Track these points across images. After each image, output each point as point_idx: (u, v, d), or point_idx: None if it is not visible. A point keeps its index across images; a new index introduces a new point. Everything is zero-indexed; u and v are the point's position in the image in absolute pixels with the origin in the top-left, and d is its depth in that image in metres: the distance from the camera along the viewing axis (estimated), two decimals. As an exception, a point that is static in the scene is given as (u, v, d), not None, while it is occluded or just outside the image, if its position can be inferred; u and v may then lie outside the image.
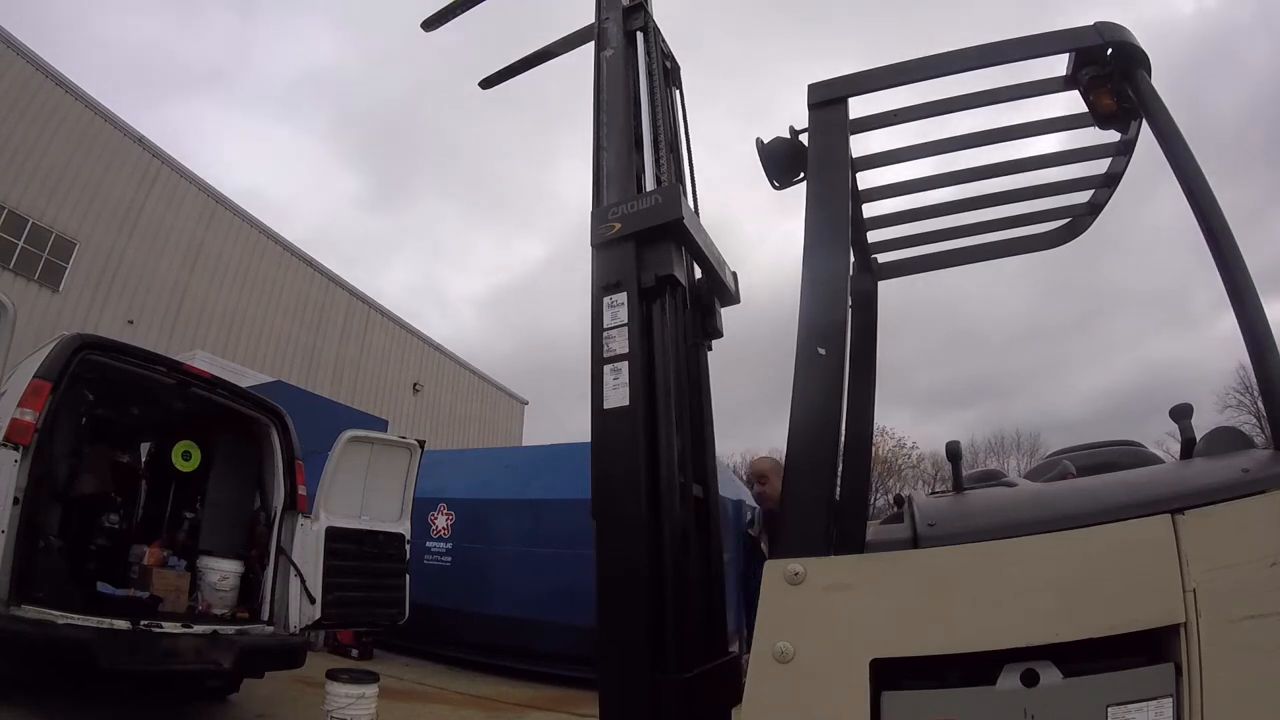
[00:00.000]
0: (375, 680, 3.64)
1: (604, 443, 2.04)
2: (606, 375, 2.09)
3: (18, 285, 14.54)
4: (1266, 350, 1.39)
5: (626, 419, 1.99)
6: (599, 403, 2.08)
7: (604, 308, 2.15)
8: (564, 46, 3.26)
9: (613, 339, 2.10)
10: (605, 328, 2.13)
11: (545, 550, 5.96)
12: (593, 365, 2.13)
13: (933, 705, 1.31)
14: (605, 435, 2.04)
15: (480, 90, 3.60)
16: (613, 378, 2.08)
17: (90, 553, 4.02)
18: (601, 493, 2.01)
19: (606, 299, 2.15)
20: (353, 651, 6.36)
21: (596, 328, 2.15)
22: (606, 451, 2.02)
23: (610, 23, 2.69)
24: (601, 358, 2.11)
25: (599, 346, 2.13)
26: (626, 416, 1.99)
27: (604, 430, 2.05)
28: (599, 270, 2.21)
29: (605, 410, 2.06)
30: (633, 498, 1.92)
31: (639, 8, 2.72)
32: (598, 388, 2.10)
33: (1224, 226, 1.48)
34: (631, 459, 1.96)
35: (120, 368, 3.73)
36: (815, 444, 1.49)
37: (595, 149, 2.48)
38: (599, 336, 2.14)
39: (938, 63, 1.69)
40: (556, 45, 3.28)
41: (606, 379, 2.09)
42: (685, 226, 2.17)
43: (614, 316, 2.12)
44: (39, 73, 15.75)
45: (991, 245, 2.41)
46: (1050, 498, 1.69)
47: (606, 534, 1.96)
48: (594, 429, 2.09)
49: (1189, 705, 1.20)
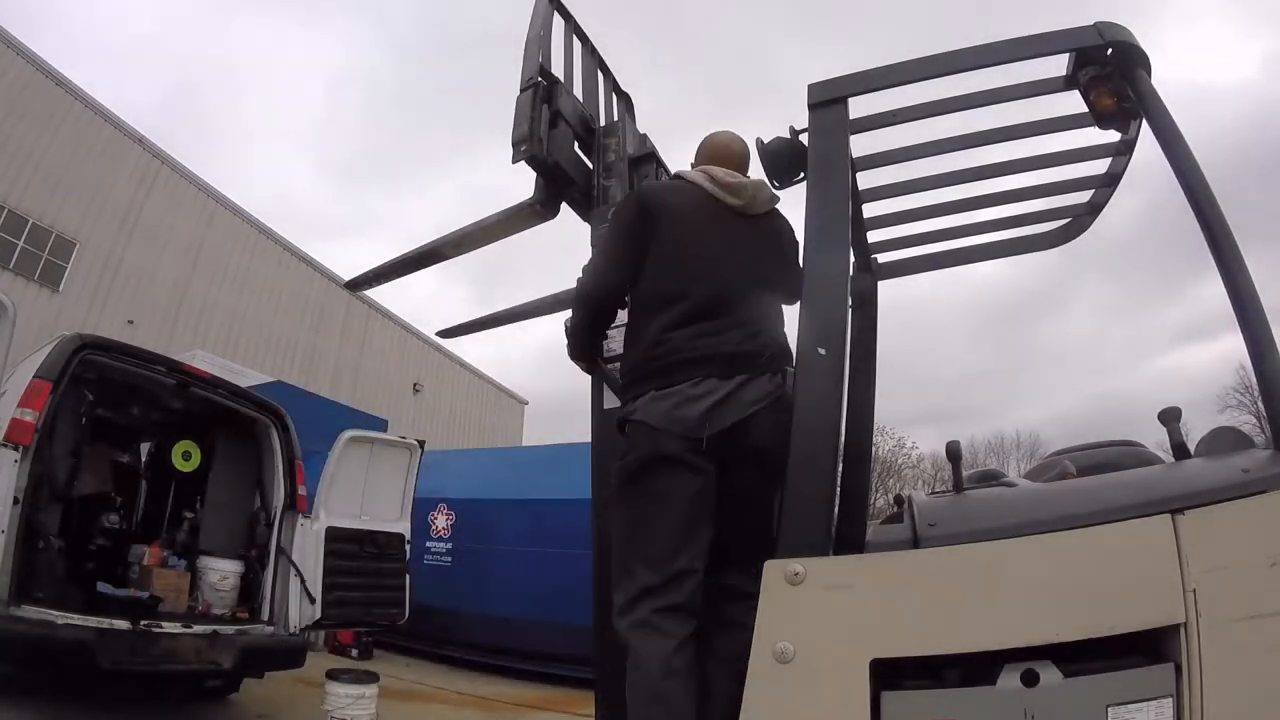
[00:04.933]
0: (375, 680, 3.65)
1: (604, 443, 2.04)
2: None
3: (18, 285, 14.52)
4: (1266, 350, 1.39)
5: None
6: (599, 403, 2.09)
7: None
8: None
9: (613, 339, 2.11)
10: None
11: (545, 550, 5.96)
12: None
13: (933, 705, 1.31)
14: (605, 435, 2.04)
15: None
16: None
17: (90, 553, 4.02)
18: (601, 493, 2.02)
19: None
20: (353, 651, 6.36)
21: (597, 328, 2.14)
22: (606, 451, 2.02)
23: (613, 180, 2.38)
24: (602, 358, 2.11)
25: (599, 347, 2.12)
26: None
27: (604, 430, 2.05)
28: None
29: (605, 410, 2.06)
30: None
31: (650, 157, 2.46)
32: (598, 388, 2.10)
33: (1224, 226, 1.48)
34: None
35: (120, 368, 3.73)
36: (815, 444, 1.49)
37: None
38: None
39: (938, 63, 1.69)
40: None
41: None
42: None
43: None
44: (39, 73, 15.75)
45: (991, 245, 2.41)
46: (1050, 498, 1.69)
47: (605, 534, 1.96)
48: (594, 429, 2.10)
49: (1189, 705, 1.20)
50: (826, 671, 1.35)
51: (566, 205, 2.36)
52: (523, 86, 2.19)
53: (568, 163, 2.27)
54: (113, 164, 17.04)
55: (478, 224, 2.46)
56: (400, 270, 2.69)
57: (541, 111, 2.17)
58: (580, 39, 2.60)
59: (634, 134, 2.55)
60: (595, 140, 2.43)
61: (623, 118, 2.64)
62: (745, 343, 1.71)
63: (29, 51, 15.57)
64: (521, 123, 2.13)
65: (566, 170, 2.25)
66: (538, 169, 2.22)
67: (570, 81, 2.43)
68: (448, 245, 2.53)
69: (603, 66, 2.70)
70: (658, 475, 1.63)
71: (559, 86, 2.30)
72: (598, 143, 2.42)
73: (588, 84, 2.58)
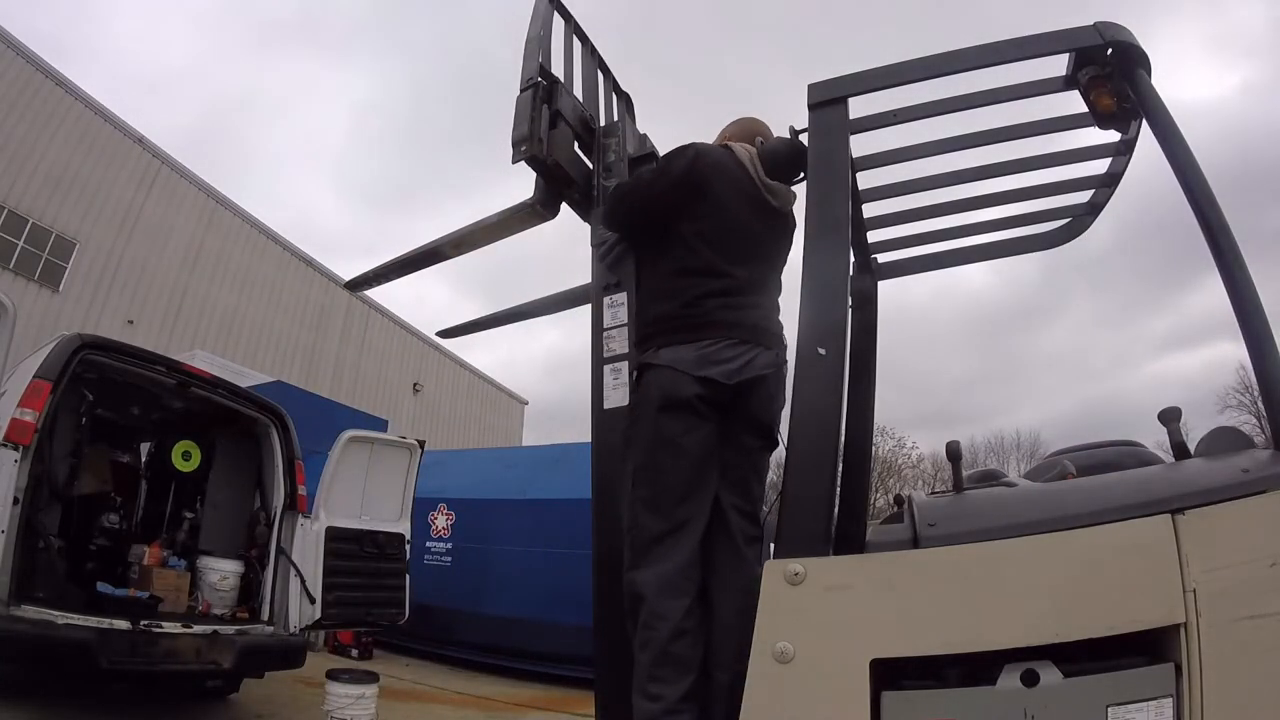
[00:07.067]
0: (375, 680, 3.64)
1: (604, 443, 2.04)
2: (606, 375, 2.09)
3: (18, 285, 14.52)
4: (1266, 350, 1.39)
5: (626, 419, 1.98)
6: (599, 403, 2.08)
7: (604, 308, 2.15)
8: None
9: (613, 339, 2.10)
10: (605, 328, 2.13)
11: (545, 550, 5.96)
12: (593, 365, 2.13)
13: (933, 705, 1.31)
14: (605, 435, 2.04)
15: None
16: (613, 378, 2.08)
17: (90, 553, 4.01)
18: (601, 493, 2.01)
19: (606, 299, 2.15)
20: (353, 651, 6.36)
21: (596, 328, 2.15)
22: (606, 451, 2.02)
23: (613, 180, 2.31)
24: (601, 358, 2.11)
25: (599, 346, 2.13)
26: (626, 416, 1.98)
27: (604, 430, 2.05)
28: (599, 270, 2.21)
29: (605, 410, 2.06)
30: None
31: (650, 157, 2.42)
32: (598, 388, 2.10)
33: (1224, 226, 1.48)
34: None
35: (120, 368, 3.73)
36: (815, 444, 1.49)
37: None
38: (599, 336, 2.14)
39: (938, 63, 1.69)
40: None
41: (606, 379, 2.09)
42: None
43: (614, 316, 2.12)
44: (39, 73, 15.74)
45: (992, 245, 2.41)
46: (1050, 498, 1.69)
47: (605, 534, 1.96)
48: (594, 429, 2.09)
49: (1189, 705, 1.21)
50: (826, 671, 1.35)
51: (566, 205, 2.36)
52: (523, 86, 2.19)
53: (568, 163, 2.26)
54: (113, 164, 17.04)
55: (478, 224, 2.45)
56: (400, 270, 2.69)
57: (541, 111, 2.17)
58: (580, 39, 2.59)
59: (634, 134, 2.55)
60: (595, 140, 2.42)
61: (623, 118, 2.63)
62: (761, 320, 1.92)
63: (29, 51, 15.57)
64: (521, 123, 2.14)
65: (566, 170, 2.25)
66: (538, 169, 2.22)
67: (570, 81, 2.42)
68: (448, 245, 2.53)
69: (603, 66, 2.69)
70: (672, 418, 1.75)
71: (559, 86, 2.29)
72: (598, 143, 2.42)
73: (588, 84, 2.57)
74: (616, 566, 1.83)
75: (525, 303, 2.95)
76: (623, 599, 1.75)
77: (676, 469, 1.73)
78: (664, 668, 1.59)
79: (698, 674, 1.62)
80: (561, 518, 5.84)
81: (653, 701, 1.57)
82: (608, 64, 2.72)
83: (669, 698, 1.57)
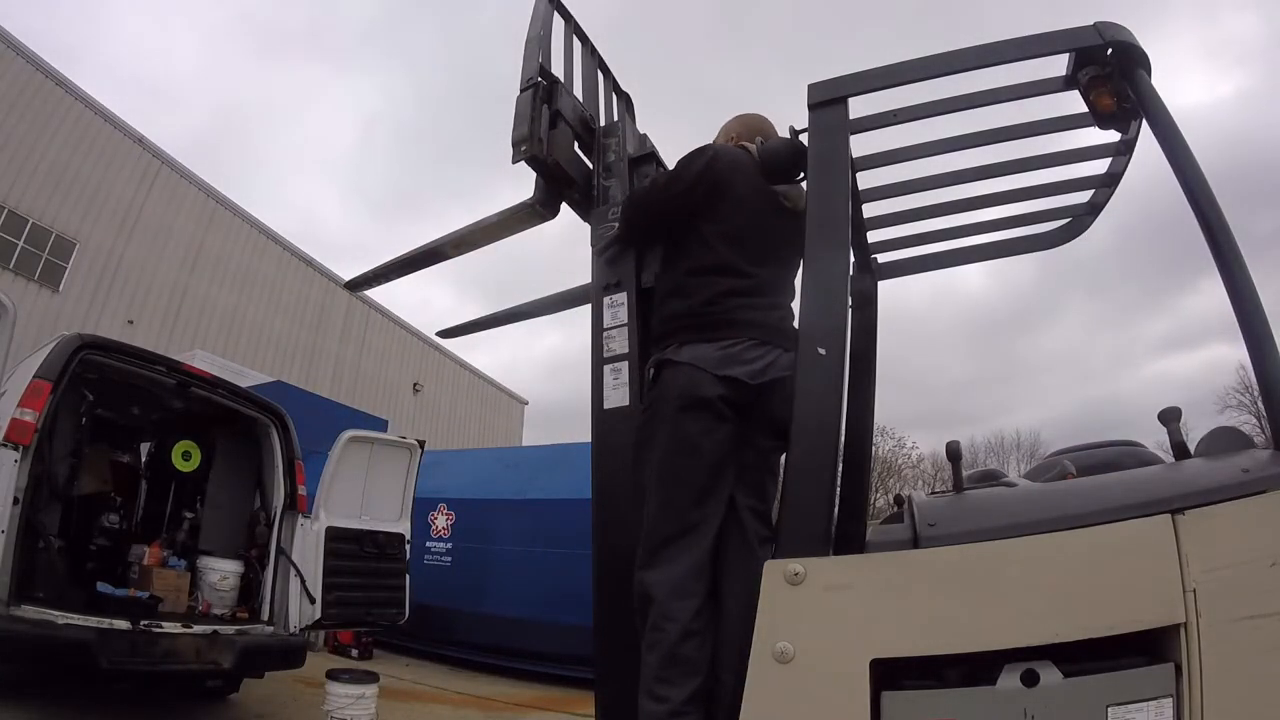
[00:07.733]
0: (375, 680, 3.65)
1: (604, 443, 2.04)
2: (607, 375, 2.09)
3: (18, 285, 14.53)
4: (1266, 350, 1.39)
5: (627, 419, 1.98)
6: (599, 402, 2.08)
7: (604, 308, 2.14)
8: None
9: (613, 339, 2.10)
10: (605, 328, 2.13)
11: (545, 550, 5.96)
12: (593, 365, 2.13)
13: (933, 705, 1.31)
14: (605, 435, 2.04)
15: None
16: (613, 378, 2.08)
17: (90, 553, 4.02)
18: (601, 493, 2.01)
19: (606, 299, 2.15)
20: (353, 651, 6.36)
21: (596, 328, 2.15)
22: (606, 451, 2.02)
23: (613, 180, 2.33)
24: (601, 358, 2.11)
25: (599, 346, 2.13)
26: (627, 417, 1.98)
27: (604, 430, 2.05)
28: (599, 270, 2.21)
29: (605, 410, 2.06)
30: (632, 497, 1.91)
31: (650, 157, 2.42)
32: (598, 388, 2.10)
33: (1224, 226, 1.48)
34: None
35: (120, 368, 3.73)
36: (815, 444, 1.49)
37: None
38: (599, 336, 2.13)
39: (938, 63, 1.69)
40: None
41: (607, 379, 2.09)
42: None
43: (614, 316, 2.12)
44: (39, 73, 15.74)
45: (992, 245, 2.41)
46: (1050, 498, 1.69)
47: (605, 534, 1.96)
48: (594, 429, 2.09)
49: (1189, 705, 1.20)
50: (826, 672, 1.35)
51: (566, 205, 2.36)
52: (523, 86, 2.18)
53: (568, 163, 2.26)
54: (113, 164, 17.05)
55: (478, 224, 2.45)
56: (400, 270, 2.69)
57: (541, 111, 2.16)
58: (580, 39, 2.59)
59: (634, 134, 2.54)
60: (595, 140, 2.42)
61: (623, 118, 2.63)
62: (781, 322, 1.92)
63: (29, 51, 15.57)
64: (521, 123, 2.13)
65: (566, 170, 2.25)
66: (538, 169, 2.22)
67: (570, 81, 2.42)
68: (447, 245, 2.53)
69: (603, 66, 2.69)
70: (691, 418, 1.73)
71: (559, 86, 2.29)
72: (598, 143, 2.42)
73: (588, 84, 2.57)
74: (617, 566, 1.83)
75: (525, 303, 2.95)
76: (625, 599, 1.74)
77: (693, 471, 1.71)
78: (671, 669, 1.59)
79: (705, 676, 1.61)
80: (561, 518, 5.84)
81: (659, 703, 1.57)
82: (608, 64, 2.71)
83: (675, 699, 1.56)
